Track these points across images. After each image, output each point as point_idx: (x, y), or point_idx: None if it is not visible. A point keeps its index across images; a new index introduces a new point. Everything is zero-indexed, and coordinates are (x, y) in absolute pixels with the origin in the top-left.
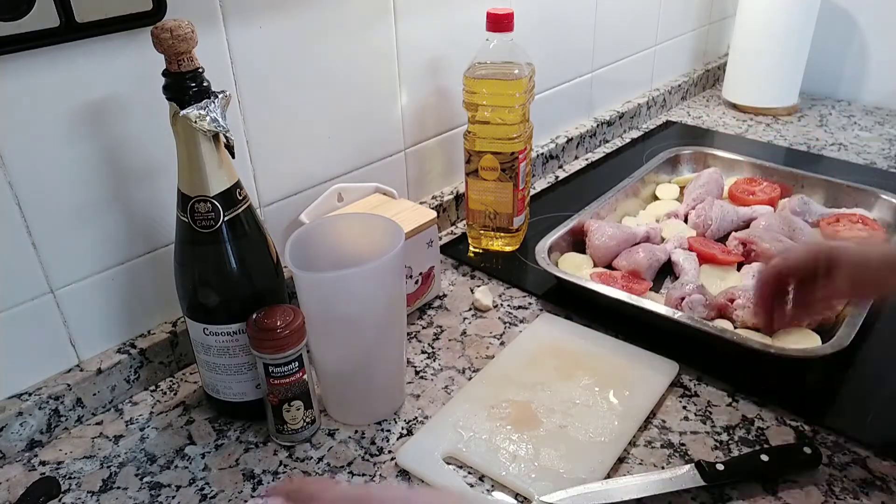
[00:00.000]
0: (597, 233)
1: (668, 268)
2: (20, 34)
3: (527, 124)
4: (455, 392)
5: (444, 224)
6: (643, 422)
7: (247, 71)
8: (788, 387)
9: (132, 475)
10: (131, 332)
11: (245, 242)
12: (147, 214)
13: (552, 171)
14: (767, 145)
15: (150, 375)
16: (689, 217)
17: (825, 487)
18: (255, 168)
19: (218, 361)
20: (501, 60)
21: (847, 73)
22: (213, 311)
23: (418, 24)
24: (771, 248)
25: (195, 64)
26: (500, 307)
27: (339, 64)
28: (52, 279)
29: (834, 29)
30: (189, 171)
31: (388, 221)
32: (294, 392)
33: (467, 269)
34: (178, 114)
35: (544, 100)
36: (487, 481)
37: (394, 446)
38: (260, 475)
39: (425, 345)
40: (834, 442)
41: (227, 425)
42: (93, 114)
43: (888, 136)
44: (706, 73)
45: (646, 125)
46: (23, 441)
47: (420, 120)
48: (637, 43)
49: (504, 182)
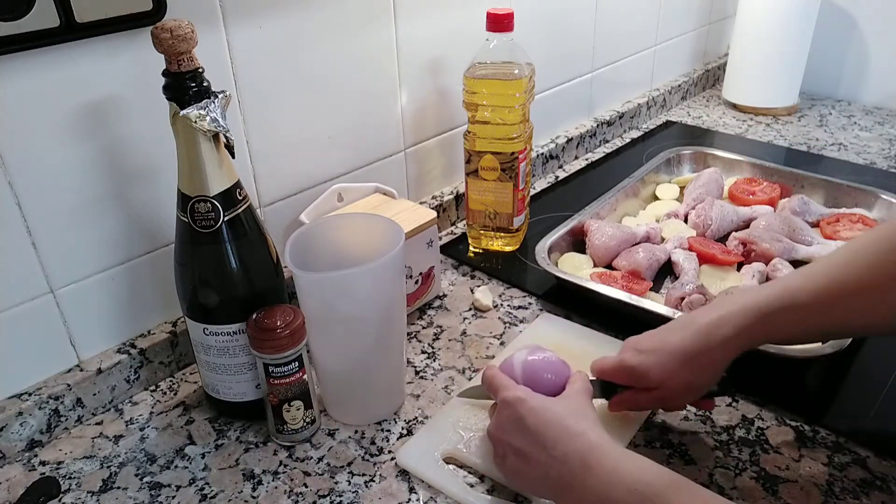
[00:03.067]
0: (597, 233)
1: (668, 268)
2: (20, 34)
3: (527, 124)
4: (455, 392)
5: (444, 224)
6: (643, 422)
7: (247, 71)
8: (788, 387)
9: (132, 475)
10: (131, 332)
11: (245, 242)
12: (147, 214)
13: (552, 171)
14: (767, 145)
15: (150, 375)
16: (689, 217)
17: (825, 487)
18: (255, 168)
19: (218, 361)
20: (501, 60)
21: (847, 73)
22: (213, 311)
23: (418, 24)
24: (771, 248)
25: (195, 64)
26: (500, 307)
27: (339, 64)
28: (52, 279)
29: (834, 29)
30: (189, 171)
31: (388, 221)
32: (294, 392)
33: (467, 269)
34: (178, 114)
35: (544, 100)
36: (487, 481)
37: (394, 446)
38: (260, 475)
39: (425, 345)
40: (834, 442)
41: (227, 425)
42: (93, 114)
43: (888, 136)
44: (706, 73)
45: (646, 125)
46: (23, 441)
47: (420, 120)
48: (637, 43)
49: (504, 182)
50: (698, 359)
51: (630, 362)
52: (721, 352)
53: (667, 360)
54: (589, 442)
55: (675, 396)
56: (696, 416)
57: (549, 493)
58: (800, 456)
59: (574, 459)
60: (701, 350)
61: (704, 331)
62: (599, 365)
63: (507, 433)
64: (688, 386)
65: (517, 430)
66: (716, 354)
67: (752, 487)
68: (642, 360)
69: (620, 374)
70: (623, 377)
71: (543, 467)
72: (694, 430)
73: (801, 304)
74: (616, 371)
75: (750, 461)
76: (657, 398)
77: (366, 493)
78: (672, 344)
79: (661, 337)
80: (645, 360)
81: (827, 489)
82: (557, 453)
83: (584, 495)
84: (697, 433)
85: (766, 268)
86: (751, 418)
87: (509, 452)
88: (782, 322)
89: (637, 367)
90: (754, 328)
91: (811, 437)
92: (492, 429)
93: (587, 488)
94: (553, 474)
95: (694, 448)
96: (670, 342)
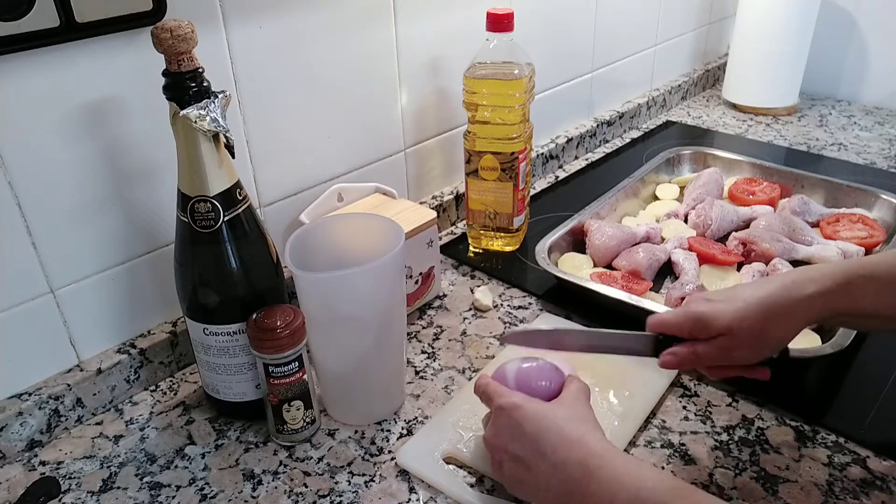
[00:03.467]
0: (597, 233)
1: (668, 268)
2: (20, 34)
3: (527, 124)
4: (455, 392)
5: (444, 224)
6: (643, 422)
7: (247, 71)
8: (788, 387)
9: (132, 475)
10: (131, 332)
11: (245, 242)
12: (147, 214)
13: (552, 171)
14: (767, 145)
15: (150, 375)
16: (689, 217)
17: (825, 487)
18: (255, 168)
19: (218, 361)
20: (501, 60)
21: (847, 73)
22: (213, 311)
23: (418, 24)
24: (771, 248)
25: (195, 64)
26: (500, 307)
27: (339, 64)
28: (52, 279)
29: (834, 29)
30: (189, 171)
31: (388, 221)
32: (294, 392)
33: (467, 269)
34: (178, 114)
35: (544, 100)
36: (487, 481)
37: (394, 446)
38: (260, 475)
39: (425, 345)
40: (834, 442)
41: (227, 425)
42: (93, 114)
43: (888, 136)
44: (706, 73)
45: (646, 125)
46: (23, 441)
47: (420, 120)
48: (637, 43)
49: (504, 182)
50: (777, 310)
51: (700, 308)
52: (802, 307)
53: (742, 306)
54: (588, 448)
55: (739, 347)
56: (696, 416)
57: (550, 500)
58: (800, 456)
59: (574, 466)
60: (782, 302)
61: (788, 285)
62: (659, 317)
63: (504, 440)
64: (757, 337)
65: (514, 437)
66: (797, 308)
67: (752, 487)
68: (714, 306)
69: (687, 323)
70: (687, 326)
71: (544, 475)
72: (694, 430)
73: (880, 275)
74: (682, 320)
75: (750, 461)
76: (720, 348)
77: (366, 493)
78: (748, 294)
79: (733, 290)
80: (717, 305)
81: (827, 489)
82: (557, 460)
83: (585, 502)
84: (697, 433)
85: (766, 268)
86: (751, 418)
87: (507, 459)
88: (863, 292)
89: (708, 311)
90: (836, 293)
91: (811, 437)
92: (488, 436)
93: (589, 495)
94: (554, 482)
95: (694, 448)
96: (746, 293)
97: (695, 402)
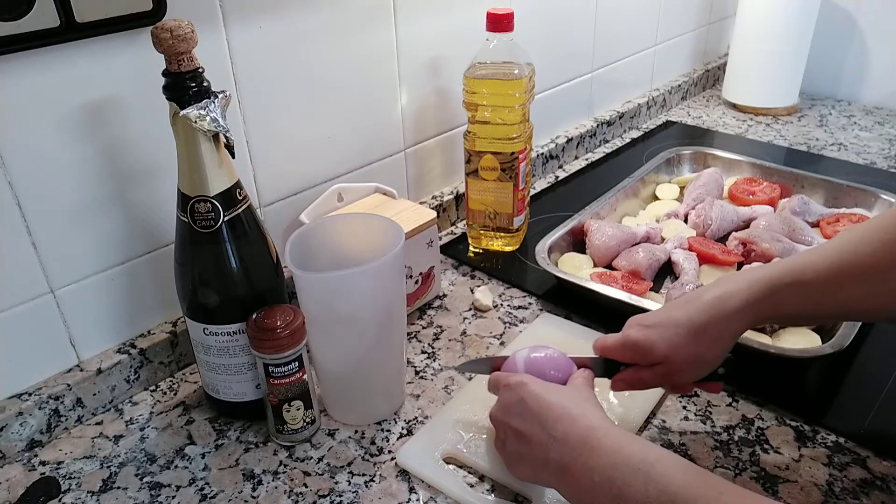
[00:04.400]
0: (597, 233)
1: (668, 268)
2: (20, 34)
3: (527, 124)
4: (455, 392)
5: (444, 224)
6: (643, 422)
7: (247, 71)
8: (788, 387)
9: (132, 475)
10: (131, 332)
11: (245, 242)
12: (147, 214)
13: (552, 171)
14: (767, 145)
15: (150, 375)
16: (689, 217)
17: (825, 487)
18: (255, 168)
19: (218, 361)
20: (501, 60)
21: (847, 73)
22: (213, 311)
23: (418, 24)
24: (771, 248)
25: (195, 64)
26: (500, 307)
27: (339, 64)
28: (52, 279)
29: (834, 29)
30: (189, 171)
31: (388, 221)
32: (294, 392)
33: (467, 269)
34: (178, 114)
35: (544, 100)
36: (487, 481)
37: (394, 446)
38: (260, 475)
39: (425, 345)
40: (834, 442)
41: (227, 425)
42: (93, 114)
43: (888, 136)
44: (706, 73)
45: (646, 125)
46: (23, 441)
47: (420, 120)
48: (637, 43)
49: (504, 182)
50: (706, 331)
51: (635, 336)
52: (728, 324)
53: (673, 333)
54: (590, 423)
55: (680, 371)
56: (696, 416)
57: (548, 475)
58: (800, 456)
59: (574, 440)
60: (708, 322)
61: (713, 303)
62: (602, 342)
63: (508, 415)
64: (694, 360)
65: (519, 412)
66: (723, 327)
67: (752, 487)
68: (648, 334)
69: (625, 349)
70: (627, 353)
71: (543, 448)
72: (694, 430)
73: (807, 281)
74: (620, 347)
75: (750, 461)
76: (662, 374)
77: (366, 493)
78: (678, 318)
79: (666, 312)
80: (651, 333)
81: (827, 489)
82: (558, 433)
83: (583, 476)
84: (697, 433)
85: None
86: (751, 418)
87: (510, 435)
88: (788, 298)
89: (642, 340)
90: (762, 302)
91: (811, 437)
92: (494, 411)
93: (588, 469)
94: (553, 455)
95: (694, 448)
96: (676, 316)
97: (695, 402)
